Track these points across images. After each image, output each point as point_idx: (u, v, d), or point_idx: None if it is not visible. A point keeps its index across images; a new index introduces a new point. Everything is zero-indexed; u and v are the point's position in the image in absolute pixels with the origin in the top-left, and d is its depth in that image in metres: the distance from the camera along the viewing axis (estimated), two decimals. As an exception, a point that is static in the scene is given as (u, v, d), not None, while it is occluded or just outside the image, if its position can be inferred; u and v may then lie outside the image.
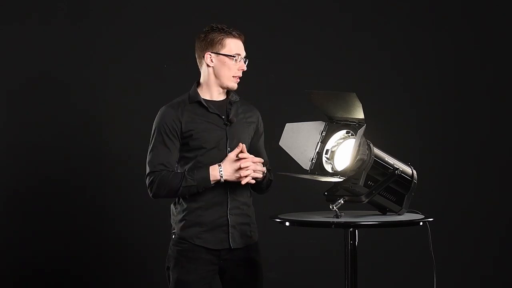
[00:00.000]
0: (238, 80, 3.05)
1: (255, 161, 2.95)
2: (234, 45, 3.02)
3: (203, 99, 3.05)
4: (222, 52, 3.01)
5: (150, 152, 3.02)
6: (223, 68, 3.02)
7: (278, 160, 3.13)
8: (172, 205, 3.10)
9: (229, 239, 3.02)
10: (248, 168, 2.92)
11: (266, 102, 4.14)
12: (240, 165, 2.91)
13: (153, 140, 3.02)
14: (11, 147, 4.08)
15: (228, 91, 3.09)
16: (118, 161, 4.18)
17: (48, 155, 4.10)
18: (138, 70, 4.20)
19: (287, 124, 2.87)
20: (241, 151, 2.94)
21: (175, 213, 3.08)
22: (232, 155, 2.94)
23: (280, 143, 2.87)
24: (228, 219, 3.02)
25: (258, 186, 3.08)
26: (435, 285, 2.84)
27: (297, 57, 4.41)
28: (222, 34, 3.01)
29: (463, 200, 4.59)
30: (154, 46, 4.21)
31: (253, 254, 3.10)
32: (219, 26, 3.03)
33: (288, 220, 2.76)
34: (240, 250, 3.05)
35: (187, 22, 4.21)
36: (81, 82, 4.15)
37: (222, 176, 2.94)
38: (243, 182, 2.93)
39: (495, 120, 4.63)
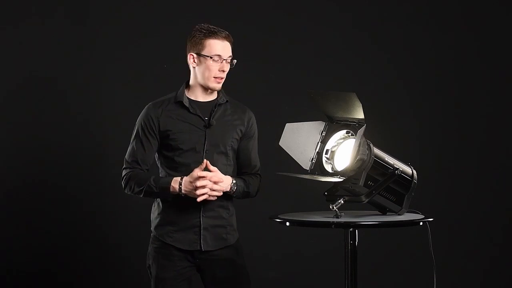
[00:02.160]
0: (221, 81, 3.03)
1: (213, 180, 2.93)
2: (214, 46, 3.01)
3: (188, 99, 3.05)
4: (203, 53, 3.01)
5: (129, 146, 3.09)
6: (204, 69, 3.02)
7: (278, 160, 3.13)
8: (154, 202, 3.13)
9: (200, 241, 3.02)
10: (205, 186, 2.91)
11: (266, 102, 4.15)
12: (197, 184, 2.91)
13: (133, 136, 3.09)
14: (10, 147, 4.08)
15: (218, 92, 3.09)
16: (119, 162, 4.17)
17: (44, 155, 4.10)
18: (138, 71, 4.20)
19: (287, 124, 2.87)
20: (206, 168, 2.93)
21: (153, 210, 3.12)
22: (195, 172, 2.93)
23: (280, 143, 2.87)
24: (200, 221, 3.02)
25: (234, 196, 3.09)
26: (435, 285, 2.84)
27: (297, 57, 4.41)
28: (203, 34, 3.02)
29: (463, 200, 4.59)
30: (154, 47, 4.21)
31: (231, 255, 3.09)
32: (204, 26, 3.03)
33: (288, 220, 2.77)
34: (216, 251, 3.05)
35: (187, 22, 4.18)
36: (81, 83, 4.15)
37: (181, 190, 2.95)
38: (198, 200, 2.93)
39: (495, 120, 4.63)
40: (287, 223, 2.77)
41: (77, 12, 4.16)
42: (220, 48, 3.01)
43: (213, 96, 3.09)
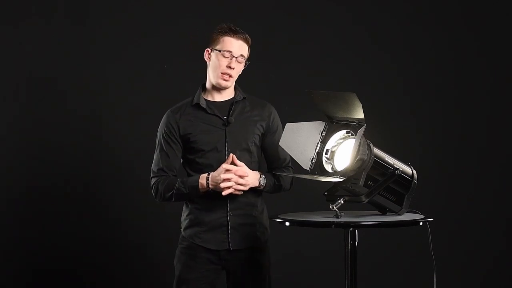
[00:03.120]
0: (228, 79, 3.03)
1: (238, 174, 2.93)
2: (228, 43, 3.02)
3: (205, 100, 3.06)
4: (216, 48, 3.03)
5: (154, 156, 3.11)
6: (214, 63, 3.04)
7: (278, 160, 3.13)
8: (184, 204, 3.14)
9: (228, 240, 3.02)
10: (231, 180, 2.92)
11: (266, 102, 4.14)
12: (222, 178, 2.92)
13: (156, 145, 3.11)
14: (12, 148, 4.08)
15: (235, 90, 3.10)
16: (120, 162, 4.18)
17: (51, 157, 4.11)
18: (138, 71, 4.20)
19: (287, 124, 2.87)
20: (232, 162, 2.95)
21: (183, 212, 3.13)
22: (223, 165, 2.94)
23: (280, 143, 2.86)
24: (228, 220, 3.02)
25: (264, 190, 3.09)
26: (435, 285, 2.84)
27: (297, 57, 4.41)
28: (221, 31, 3.04)
29: (463, 200, 4.59)
30: (154, 47, 4.21)
31: (257, 256, 3.09)
32: (226, 25, 3.06)
33: (288, 220, 2.76)
34: (243, 251, 3.05)
35: (187, 22, 4.21)
36: (81, 83, 4.15)
37: (209, 186, 2.96)
38: (224, 193, 2.93)
39: (495, 120, 4.63)
40: (287, 223, 2.76)
41: (77, 12, 4.16)
42: (233, 45, 3.03)
43: (230, 95, 3.10)
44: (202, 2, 4.30)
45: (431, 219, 2.74)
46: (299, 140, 2.85)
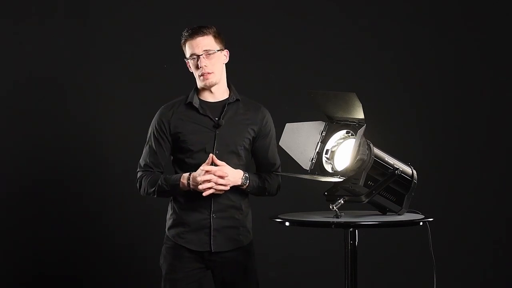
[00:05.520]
0: (207, 76, 3.02)
1: (217, 174, 2.92)
2: (188, 48, 3.04)
3: (199, 100, 3.05)
4: (185, 57, 3.07)
5: (143, 150, 3.12)
6: (192, 70, 3.07)
7: (278, 160, 3.13)
8: (169, 203, 3.13)
9: (210, 242, 3.02)
10: (210, 181, 2.92)
11: (266, 102, 4.14)
12: (200, 180, 2.92)
13: (147, 139, 3.12)
14: (10, 147, 4.08)
15: (229, 91, 3.09)
16: (119, 162, 4.18)
17: (52, 157, 4.11)
18: (138, 71, 4.20)
19: (287, 124, 2.87)
20: (213, 162, 2.95)
21: (168, 211, 3.13)
22: (202, 167, 2.94)
23: (280, 143, 2.87)
24: (211, 222, 3.01)
25: (251, 192, 3.09)
26: (435, 285, 2.84)
27: (297, 57, 4.41)
28: (182, 40, 3.07)
29: (463, 200, 4.59)
30: (154, 47, 4.21)
31: (242, 258, 3.08)
32: (184, 31, 3.07)
33: (288, 220, 2.76)
34: (225, 253, 3.05)
35: (187, 22, 4.18)
36: (81, 83, 4.15)
37: (189, 186, 2.96)
38: (204, 194, 2.93)
39: (495, 120, 4.63)
40: (287, 223, 2.76)
41: (77, 12, 4.16)
42: (192, 46, 3.03)
43: (224, 96, 3.09)
44: (202, 2, 4.30)
45: (431, 219, 2.75)
46: (299, 140, 2.85)
